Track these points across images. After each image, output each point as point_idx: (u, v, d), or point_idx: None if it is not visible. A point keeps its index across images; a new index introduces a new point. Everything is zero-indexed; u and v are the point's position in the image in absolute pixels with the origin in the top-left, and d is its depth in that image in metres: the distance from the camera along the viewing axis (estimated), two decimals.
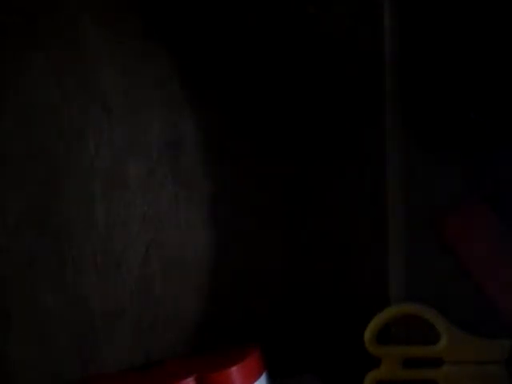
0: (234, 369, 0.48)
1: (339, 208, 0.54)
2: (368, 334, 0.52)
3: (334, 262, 0.54)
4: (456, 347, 0.52)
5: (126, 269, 0.53)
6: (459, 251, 0.52)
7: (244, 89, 0.53)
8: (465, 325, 0.52)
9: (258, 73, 0.53)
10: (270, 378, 0.51)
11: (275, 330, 0.54)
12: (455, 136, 0.52)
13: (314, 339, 0.54)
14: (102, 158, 0.53)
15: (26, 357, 0.53)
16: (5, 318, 0.53)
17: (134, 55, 0.53)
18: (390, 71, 0.53)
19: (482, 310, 0.52)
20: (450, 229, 0.52)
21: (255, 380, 0.49)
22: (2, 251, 0.52)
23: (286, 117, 0.54)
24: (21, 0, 0.52)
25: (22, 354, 0.53)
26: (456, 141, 0.52)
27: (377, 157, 0.53)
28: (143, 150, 0.53)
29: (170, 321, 0.53)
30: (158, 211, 0.53)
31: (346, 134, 0.54)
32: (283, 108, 0.53)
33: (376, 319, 0.52)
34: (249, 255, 0.54)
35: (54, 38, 0.53)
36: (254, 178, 0.53)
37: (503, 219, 0.52)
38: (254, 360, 0.50)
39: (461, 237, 0.52)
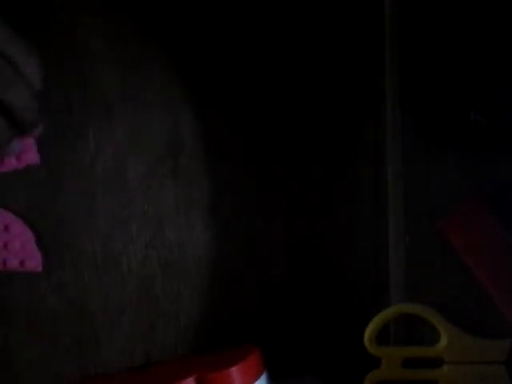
0: (233, 369, 0.48)
1: (339, 208, 0.54)
2: (368, 334, 0.52)
3: (334, 261, 0.54)
4: (456, 347, 0.52)
5: (126, 269, 0.53)
6: (459, 251, 0.52)
7: (243, 89, 0.53)
8: (465, 325, 0.52)
9: (258, 73, 0.53)
10: (270, 378, 0.51)
11: (275, 330, 0.54)
12: (455, 136, 0.52)
13: (314, 339, 0.54)
14: (103, 158, 0.53)
15: (26, 357, 0.53)
16: (5, 317, 0.53)
17: (135, 56, 0.53)
18: (390, 71, 0.53)
19: (482, 310, 0.52)
20: (450, 229, 0.52)
21: (255, 380, 0.49)
22: None
23: (287, 116, 0.54)
24: (21, 0, 0.52)
25: (22, 354, 0.53)
26: (456, 141, 0.52)
27: (377, 157, 0.53)
28: (143, 150, 0.53)
29: (170, 321, 0.53)
30: (157, 211, 0.53)
31: (345, 134, 0.54)
32: (283, 108, 0.53)
33: (376, 319, 0.52)
34: (249, 255, 0.54)
35: (54, 38, 0.53)
36: (253, 177, 0.53)
37: (503, 219, 0.52)
38: (254, 360, 0.50)
39: (461, 237, 0.52)
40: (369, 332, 0.52)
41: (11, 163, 0.52)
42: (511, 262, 0.52)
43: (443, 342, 0.52)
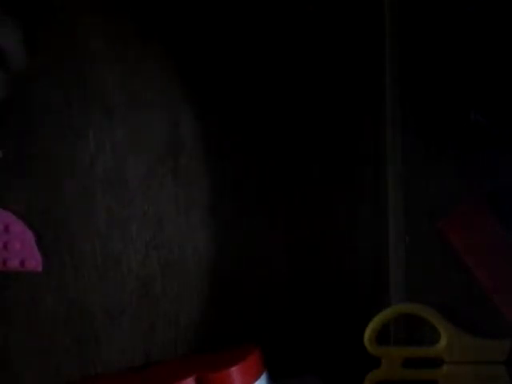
0: (233, 369, 0.48)
1: (339, 208, 0.54)
2: (368, 334, 0.52)
3: (334, 261, 0.54)
4: (456, 347, 0.52)
5: (126, 269, 0.53)
6: (459, 251, 0.52)
7: (244, 89, 0.53)
8: (465, 325, 0.52)
9: (258, 73, 0.54)
10: (270, 378, 0.51)
11: (275, 330, 0.54)
12: (455, 136, 0.53)
13: (314, 339, 0.54)
14: (103, 158, 0.53)
15: (26, 357, 0.53)
16: (5, 318, 0.53)
17: (135, 55, 0.53)
18: (390, 71, 0.53)
19: (482, 310, 0.52)
20: (450, 229, 0.52)
21: (255, 380, 0.49)
22: None
23: (287, 116, 0.54)
24: (21, 0, 0.52)
25: (22, 354, 0.53)
26: (456, 141, 0.52)
27: (377, 157, 0.53)
28: (143, 150, 0.53)
29: (170, 321, 0.53)
30: (157, 211, 0.53)
31: (345, 134, 0.54)
32: (283, 108, 0.53)
33: (376, 319, 0.52)
34: (249, 255, 0.54)
35: (54, 38, 0.53)
36: (254, 177, 0.54)
37: (503, 219, 0.52)
38: (254, 360, 0.50)
39: (461, 237, 0.52)
40: (369, 332, 0.52)
41: None
42: (511, 262, 0.52)
43: (443, 341, 0.52)
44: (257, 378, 0.49)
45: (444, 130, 0.53)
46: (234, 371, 0.48)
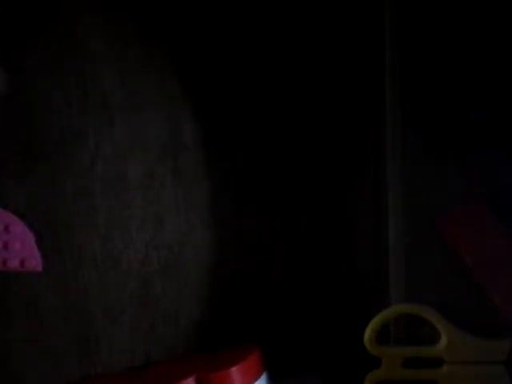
0: (233, 369, 0.48)
1: (339, 208, 0.54)
2: (368, 334, 0.52)
3: (334, 261, 0.54)
4: (456, 347, 0.52)
5: (126, 269, 0.53)
6: (459, 251, 0.52)
7: (244, 89, 0.53)
8: (465, 325, 0.52)
9: (258, 73, 0.54)
10: (270, 378, 0.51)
11: (275, 330, 0.54)
12: (455, 135, 0.53)
13: (314, 339, 0.54)
14: (102, 158, 0.53)
15: (26, 357, 0.53)
16: (5, 317, 0.53)
17: (135, 56, 0.53)
18: (390, 71, 0.53)
19: (482, 310, 0.52)
20: (450, 229, 0.52)
21: (255, 380, 0.49)
22: None
23: (287, 116, 0.54)
24: (21, 0, 0.52)
25: (22, 354, 0.53)
26: (456, 140, 0.52)
27: (377, 157, 0.53)
28: (143, 150, 0.53)
29: (170, 321, 0.53)
30: (157, 211, 0.53)
31: (346, 134, 0.54)
32: (283, 107, 0.53)
33: (376, 319, 0.52)
34: (249, 255, 0.54)
35: (55, 38, 0.53)
36: (254, 177, 0.54)
37: (503, 219, 0.52)
38: (254, 360, 0.50)
39: (461, 237, 0.52)
40: (369, 332, 0.52)
41: None
42: (511, 262, 0.52)
43: (443, 341, 0.52)
44: (257, 378, 0.49)
45: (444, 129, 0.53)
46: (234, 371, 0.48)
